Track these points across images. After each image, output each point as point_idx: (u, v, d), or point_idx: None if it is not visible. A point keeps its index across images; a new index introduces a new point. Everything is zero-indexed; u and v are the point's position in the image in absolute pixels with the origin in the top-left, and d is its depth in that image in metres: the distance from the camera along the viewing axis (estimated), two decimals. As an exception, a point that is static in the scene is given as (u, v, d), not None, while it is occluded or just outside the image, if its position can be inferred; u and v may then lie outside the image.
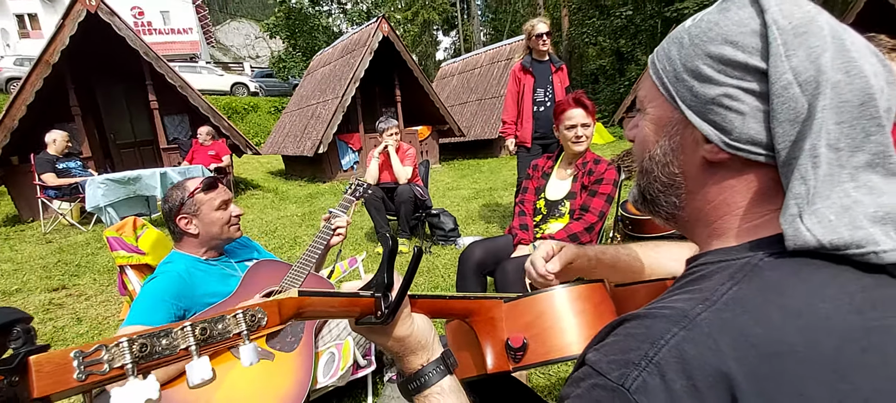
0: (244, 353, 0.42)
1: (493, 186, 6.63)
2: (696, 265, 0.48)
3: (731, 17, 0.44)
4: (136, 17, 25.70)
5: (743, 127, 0.43)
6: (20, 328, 0.34)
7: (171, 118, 8.15)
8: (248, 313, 0.43)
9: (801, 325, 0.36)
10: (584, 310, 0.65)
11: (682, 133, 0.49)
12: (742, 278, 0.41)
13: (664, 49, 0.51)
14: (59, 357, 0.34)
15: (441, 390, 0.58)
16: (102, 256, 4.23)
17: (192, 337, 0.39)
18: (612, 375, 0.40)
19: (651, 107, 0.52)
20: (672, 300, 0.43)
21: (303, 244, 4.28)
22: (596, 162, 2.10)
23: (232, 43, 39.90)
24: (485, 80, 11.70)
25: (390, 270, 0.55)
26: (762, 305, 0.38)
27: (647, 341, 0.39)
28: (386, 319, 0.55)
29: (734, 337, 0.37)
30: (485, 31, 30.36)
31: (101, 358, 0.35)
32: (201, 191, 1.52)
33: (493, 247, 2.11)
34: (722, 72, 0.44)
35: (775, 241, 0.43)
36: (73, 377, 0.34)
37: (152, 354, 0.37)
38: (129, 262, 1.67)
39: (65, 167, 5.49)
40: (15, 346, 0.33)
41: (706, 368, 0.36)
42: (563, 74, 3.58)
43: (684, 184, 0.51)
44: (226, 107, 15.89)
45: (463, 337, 0.72)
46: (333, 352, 1.52)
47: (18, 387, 0.32)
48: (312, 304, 0.50)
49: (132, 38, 6.41)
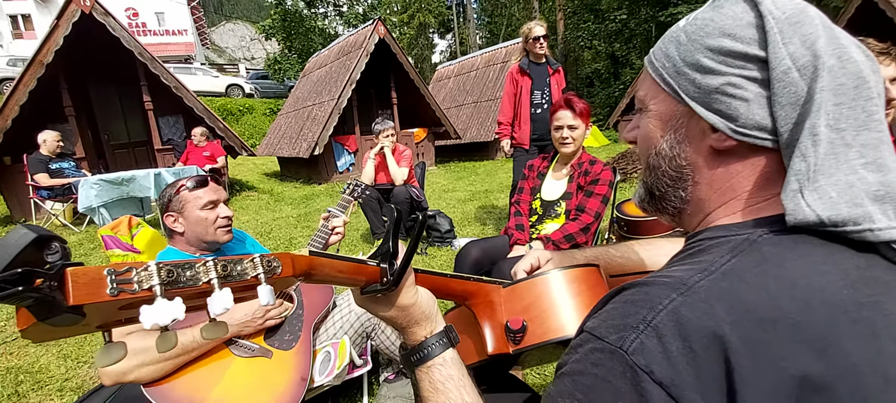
0: (262, 293, 0.44)
1: (488, 188, 6.65)
2: (696, 240, 0.50)
3: (726, 13, 0.46)
4: (130, 18, 25.59)
5: (748, 113, 0.45)
6: (58, 243, 0.36)
7: (166, 119, 8.12)
8: (264, 259, 0.45)
9: (795, 294, 0.38)
10: (581, 292, 0.66)
11: (687, 125, 0.50)
12: (741, 252, 0.42)
13: (661, 48, 0.52)
14: (93, 272, 0.35)
15: (444, 361, 0.59)
16: (95, 257, 4.20)
17: (214, 272, 0.41)
18: (610, 338, 0.41)
19: (653, 104, 0.53)
20: (672, 270, 0.45)
21: (298, 245, 4.27)
22: (592, 162, 2.12)
23: (227, 44, 39.80)
24: (481, 83, 11.74)
25: (396, 239, 0.57)
26: (759, 275, 0.40)
27: (645, 306, 0.41)
28: (390, 286, 0.56)
29: (730, 303, 0.38)
30: (481, 34, 30.49)
31: (131, 278, 0.37)
32: (187, 189, 1.50)
33: (490, 247, 2.12)
34: (723, 63, 0.45)
35: (776, 220, 0.44)
36: (105, 291, 0.35)
37: (178, 281, 0.39)
38: (125, 261, 1.67)
39: (58, 167, 5.45)
40: (53, 259, 0.35)
41: (702, 331, 0.37)
42: (560, 77, 3.61)
43: (692, 175, 0.52)
44: (221, 108, 15.85)
45: (463, 325, 0.73)
46: (329, 351, 1.52)
47: (57, 294, 0.34)
48: (322, 266, 0.51)
49: (127, 39, 6.39)
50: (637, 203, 0.61)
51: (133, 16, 25.99)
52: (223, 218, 1.54)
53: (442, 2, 28.81)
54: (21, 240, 0.34)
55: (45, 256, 0.35)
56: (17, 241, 0.34)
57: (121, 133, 8.64)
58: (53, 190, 5.34)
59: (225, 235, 1.56)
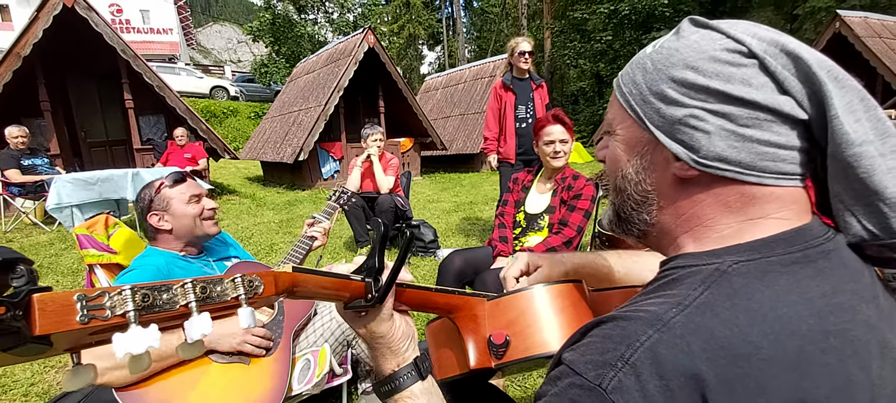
0: (242, 315, 0.42)
1: (473, 200, 6.67)
2: (668, 268, 0.50)
3: (689, 43, 0.47)
4: (114, 14, 25.01)
5: (709, 145, 0.46)
6: (24, 267, 0.34)
7: (147, 118, 7.95)
8: (245, 279, 0.43)
9: (765, 329, 0.39)
10: (564, 308, 0.67)
11: (652, 152, 0.51)
12: (712, 283, 0.43)
13: (629, 74, 0.53)
14: (62, 298, 0.33)
15: (411, 394, 0.59)
16: (67, 257, 4.06)
17: (192, 294, 0.39)
18: (588, 375, 0.41)
19: (621, 129, 0.54)
20: (647, 303, 0.45)
21: (279, 251, 4.20)
22: (575, 177, 2.16)
23: (213, 46, 39.30)
24: (468, 96, 11.85)
25: (382, 255, 0.56)
26: (730, 309, 0.41)
27: (623, 342, 0.41)
28: (375, 302, 0.56)
29: (705, 340, 0.39)
30: (469, 48, 30.82)
31: (103, 304, 0.34)
32: (167, 186, 1.50)
33: (473, 258, 2.13)
34: (685, 95, 0.46)
35: (743, 249, 0.46)
36: (75, 319, 0.33)
37: (154, 306, 0.37)
38: (99, 261, 1.62)
39: (30, 163, 5.27)
40: (18, 284, 0.33)
41: (679, 369, 0.38)
42: (544, 92, 3.67)
43: (657, 200, 0.53)
44: (204, 110, 15.58)
45: (446, 337, 0.73)
46: (309, 359, 1.49)
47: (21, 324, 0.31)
48: (305, 282, 0.51)
49: (109, 35, 6.26)
50: (606, 225, 0.62)
51: (117, 12, 25.43)
52: (209, 209, 1.55)
53: (432, 15, 29.09)
54: None
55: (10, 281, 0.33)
56: None
57: (99, 130, 8.42)
58: (25, 187, 5.15)
59: (213, 227, 1.57)
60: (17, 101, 6.06)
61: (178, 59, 26.00)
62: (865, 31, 8.56)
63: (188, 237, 1.53)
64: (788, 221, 0.46)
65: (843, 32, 8.52)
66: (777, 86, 0.44)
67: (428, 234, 3.87)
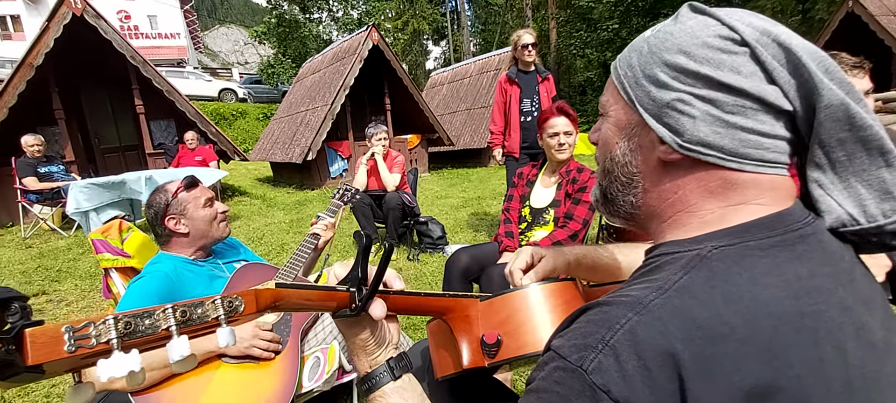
0: (221, 335, 0.45)
1: (481, 195, 6.67)
2: (652, 256, 0.52)
3: (685, 28, 0.48)
4: (122, 20, 25.38)
5: (694, 129, 0.47)
6: (18, 304, 0.37)
7: (158, 123, 8.07)
8: (225, 299, 0.46)
9: (741, 309, 0.40)
10: (556, 306, 0.68)
11: (639, 135, 0.52)
12: (692, 267, 0.44)
13: (625, 57, 0.54)
14: (51, 331, 0.36)
15: (382, 394, 0.62)
16: (84, 261, 4.16)
17: (173, 319, 0.42)
18: (571, 357, 0.42)
19: (613, 111, 0.56)
20: (630, 289, 0.47)
21: (290, 251, 4.26)
22: (579, 170, 2.15)
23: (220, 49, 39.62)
24: (474, 90, 11.80)
25: (365, 266, 0.58)
26: (708, 291, 0.42)
27: (604, 326, 0.43)
28: (359, 312, 0.58)
29: (682, 320, 0.40)
30: (475, 41, 30.65)
31: (89, 333, 0.38)
32: (183, 190, 1.54)
33: (479, 254, 2.14)
34: (676, 79, 0.48)
35: (724, 234, 0.47)
36: (63, 348, 0.36)
37: (136, 332, 0.40)
38: (115, 265, 1.66)
39: (47, 171, 5.39)
40: (13, 320, 0.36)
41: (656, 349, 0.39)
42: (550, 84, 3.65)
43: (642, 182, 0.54)
44: (213, 112, 15.75)
45: (443, 337, 0.75)
46: (319, 356, 1.52)
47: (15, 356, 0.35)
48: (289, 296, 0.52)
49: (118, 42, 6.36)
50: (592, 202, 0.63)
51: (125, 19, 25.80)
52: (221, 212, 1.61)
53: (436, 9, 28.97)
54: None
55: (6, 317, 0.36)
56: None
57: (111, 137, 8.57)
58: (42, 194, 5.28)
59: (226, 228, 1.64)
60: (32, 111, 6.19)
61: (187, 63, 26.29)
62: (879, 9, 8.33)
63: (202, 240, 1.57)
64: (768, 207, 0.47)
65: (856, 11, 8.30)
66: (765, 76, 0.45)
67: (436, 231, 3.89)
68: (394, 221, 3.59)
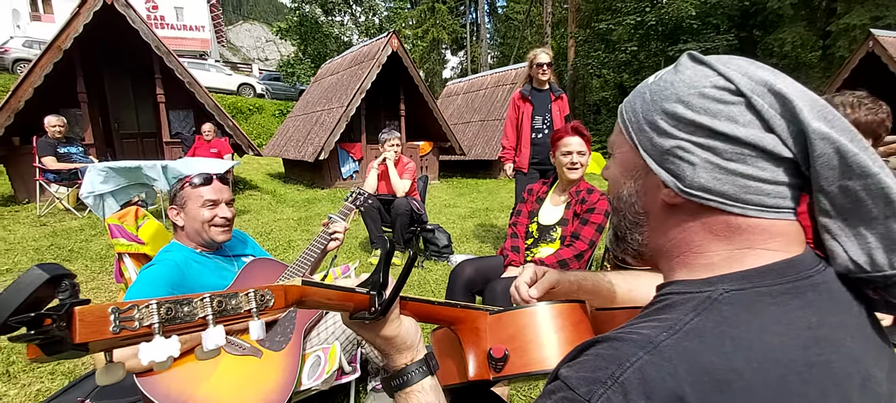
0: (253, 328, 0.47)
1: (489, 207, 6.68)
2: (662, 294, 0.52)
3: (683, 78, 0.50)
4: (149, 10, 25.93)
5: (694, 175, 0.48)
6: (68, 281, 0.38)
7: (176, 112, 8.21)
8: (258, 293, 0.48)
9: (750, 356, 0.41)
10: (564, 328, 0.69)
11: (644, 177, 0.54)
12: (703, 310, 0.45)
13: (631, 101, 0.56)
14: (98, 311, 0.38)
15: (422, 388, 0.63)
16: (96, 243, 4.23)
17: (210, 308, 0.44)
18: (580, 390, 0.43)
19: (619, 152, 0.58)
20: (640, 326, 0.47)
21: (297, 248, 4.30)
22: (589, 191, 2.16)
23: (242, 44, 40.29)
24: (489, 102, 11.85)
25: (386, 271, 0.60)
26: (717, 336, 0.42)
27: (614, 362, 0.43)
28: (378, 316, 0.60)
29: (691, 363, 0.41)
30: (492, 54, 30.83)
31: (133, 316, 0.40)
32: (192, 185, 1.53)
33: (484, 267, 2.15)
34: (675, 127, 0.49)
35: (735, 278, 0.47)
36: (109, 329, 0.38)
37: (176, 318, 0.42)
38: (128, 250, 1.70)
39: (66, 152, 5.52)
40: (63, 297, 0.38)
41: (664, 390, 0.40)
42: (563, 103, 3.68)
43: (648, 223, 0.56)
44: (231, 106, 15.98)
45: (448, 345, 0.76)
46: (320, 356, 1.54)
47: (65, 333, 0.37)
48: (314, 294, 0.55)
49: (145, 32, 6.51)
50: (608, 244, 0.65)
51: (152, 8, 26.36)
52: (221, 218, 1.56)
53: (456, 20, 29.23)
54: (35, 281, 0.36)
55: (56, 293, 0.37)
56: (31, 282, 0.36)
57: (131, 123, 8.74)
58: (60, 174, 5.39)
59: (221, 235, 1.57)
60: (57, 92, 6.34)
61: (209, 56, 26.74)
62: (901, 50, 8.23)
63: (195, 238, 1.56)
64: (777, 253, 0.47)
65: (877, 52, 8.22)
66: (763, 125, 0.45)
67: (442, 239, 3.90)
68: (401, 227, 3.62)
